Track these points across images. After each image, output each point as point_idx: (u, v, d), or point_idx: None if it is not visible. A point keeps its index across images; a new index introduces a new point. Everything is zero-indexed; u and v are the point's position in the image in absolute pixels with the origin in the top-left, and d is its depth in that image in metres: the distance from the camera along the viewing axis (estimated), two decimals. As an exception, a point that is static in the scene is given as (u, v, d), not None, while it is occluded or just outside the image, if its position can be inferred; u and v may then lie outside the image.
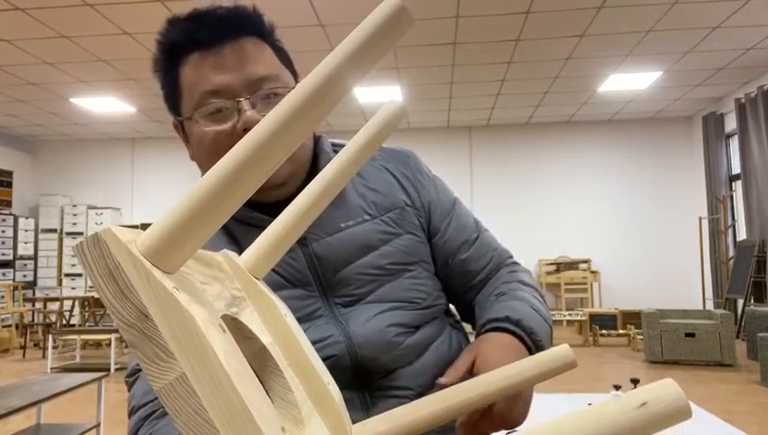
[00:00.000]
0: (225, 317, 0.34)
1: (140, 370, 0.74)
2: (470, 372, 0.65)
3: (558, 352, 0.47)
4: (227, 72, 0.72)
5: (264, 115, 0.70)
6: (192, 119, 0.74)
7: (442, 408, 0.46)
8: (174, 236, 0.27)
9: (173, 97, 0.77)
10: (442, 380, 0.64)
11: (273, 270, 0.72)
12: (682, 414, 0.26)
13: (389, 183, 0.84)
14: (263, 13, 0.77)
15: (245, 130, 0.70)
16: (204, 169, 0.79)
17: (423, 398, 0.47)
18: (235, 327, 0.36)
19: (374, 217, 0.80)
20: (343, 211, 0.78)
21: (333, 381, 0.41)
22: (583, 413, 0.27)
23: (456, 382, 0.54)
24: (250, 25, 0.75)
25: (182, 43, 0.74)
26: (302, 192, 0.43)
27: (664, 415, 0.26)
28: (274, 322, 0.41)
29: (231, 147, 0.70)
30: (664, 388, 0.26)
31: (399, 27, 0.28)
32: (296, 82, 0.80)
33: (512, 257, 0.90)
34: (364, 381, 0.74)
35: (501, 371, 0.47)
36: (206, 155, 0.75)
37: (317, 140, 0.83)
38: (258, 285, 0.41)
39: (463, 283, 0.86)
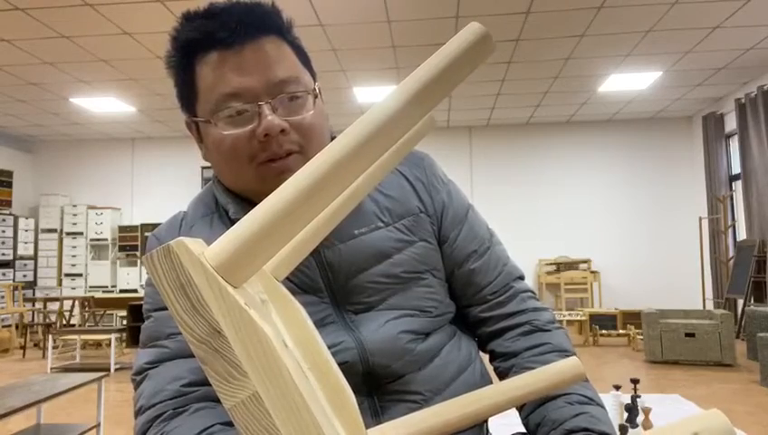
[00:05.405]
0: None
1: (148, 368, 0.73)
2: None
3: (569, 363, 0.48)
4: (248, 75, 0.70)
5: (284, 119, 0.70)
6: (210, 122, 0.72)
7: (458, 415, 0.45)
8: (246, 251, 0.26)
9: (188, 96, 0.75)
10: None
11: None
12: None
13: (403, 188, 0.82)
14: (281, 9, 0.75)
15: (266, 136, 0.70)
16: (220, 171, 0.78)
17: (439, 404, 0.47)
18: None
19: (388, 225, 0.78)
20: (357, 217, 0.76)
21: (349, 386, 0.41)
22: None
23: None
24: (270, 23, 0.72)
25: (200, 41, 0.71)
26: None
27: None
28: (296, 324, 0.41)
29: (250, 151, 0.71)
30: (713, 418, 0.28)
31: (482, 53, 0.28)
32: (315, 82, 0.78)
33: (522, 278, 0.87)
34: (373, 387, 0.73)
35: (515, 380, 0.48)
36: (223, 159, 0.74)
37: (332, 139, 0.81)
38: (280, 288, 0.41)
39: (467, 294, 0.84)
